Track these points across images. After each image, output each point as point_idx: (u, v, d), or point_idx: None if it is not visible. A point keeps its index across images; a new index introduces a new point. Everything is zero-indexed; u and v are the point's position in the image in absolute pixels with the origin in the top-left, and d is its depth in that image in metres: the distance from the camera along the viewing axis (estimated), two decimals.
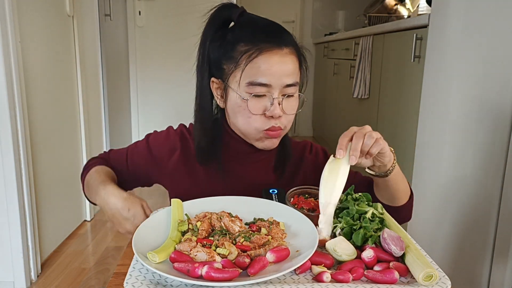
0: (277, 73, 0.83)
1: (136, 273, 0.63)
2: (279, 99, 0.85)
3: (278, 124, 0.87)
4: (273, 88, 0.84)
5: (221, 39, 0.88)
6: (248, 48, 0.84)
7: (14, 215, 1.80)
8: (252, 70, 0.83)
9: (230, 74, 0.86)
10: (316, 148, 1.03)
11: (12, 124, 1.74)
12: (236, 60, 0.85)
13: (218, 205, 0.82)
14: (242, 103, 0.85)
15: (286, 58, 0.85)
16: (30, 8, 1.92)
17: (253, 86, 0.84)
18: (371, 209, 0.73)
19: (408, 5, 3.20)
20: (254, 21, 0.89)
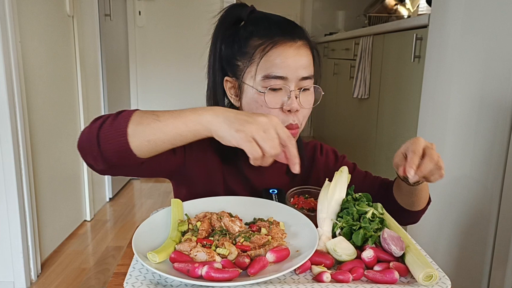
0: (293, 66, 0.83)
1: (136, 273, 0.63)
2: (296, 92, 0.84)
3: (296, 121, 0.85)
4: (289, 81, 0.83)
5: (234, 36, 0.88)
6: (262, 42, 0.84)
7: (14, 215, 1.80)
8: (267, 64, 0.83)
9: (245, 70, 0.86)
10: (327, 149, 1.02)
11: (12, 124, 1.74)
12: (250, 55, 0.84)
13: (218, 205, 0.82)
14: (258, 97, 0.84)
15: (300, 51, 0.84)
16: (30, 8, 1.92)
17: (269, 80, 0.83)
18: (371, 209, 0.73)
19: (408, 5, 3.20)
20: (266, 16, 0.89)
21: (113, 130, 0.69)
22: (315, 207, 0.77)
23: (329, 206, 0.74)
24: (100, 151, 0.70)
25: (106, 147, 0.69)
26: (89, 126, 0.73)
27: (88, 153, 0.72)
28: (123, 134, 0.68)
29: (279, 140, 0.66)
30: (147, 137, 0.69)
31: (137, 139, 0.69)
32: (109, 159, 0.71)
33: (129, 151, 0.69)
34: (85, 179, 2.52)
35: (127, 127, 0.68)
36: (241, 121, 0.65)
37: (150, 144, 0.69)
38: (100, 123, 0.71)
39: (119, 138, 0.69)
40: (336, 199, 0.75)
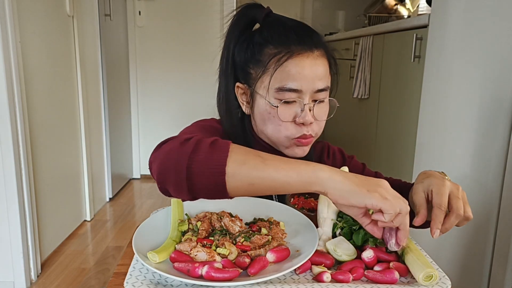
0: (309, 78, 0.79)
1: (136, 273, 0.63)
2: (310, 105, 0.80)
3: (310, 132, 0.82)
4: (303, 94, 0.79)
5: (247, 41, 0.84)
6: (278, 51, 0.80)
7: (14, 215, 1.80)
8: (282, 75, 0.79)
9: (258, 79, 0.82)
10: (334, 151, 1.00)
11: (12, 124, 1.74)
12: (265, 64, 0.80)
13: (218, 205, 0.82)
14: (271, 110, 0.81)
15: (317, 61, 0.80)
16: (30, 8, 1.92)
17: (283, 92, 0.79)
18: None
19: (408, 5, 3.20)
20: (283, 22, 0.84)
21: (209, 164, 0.61)
22: (315, 207, 0.77)
23: (330, 206, 0.74)
24: (188, 185, 0.62)
25: (197, 181, 0.61)
26: (175, 149, 0.63)
27: (171, 181, 0.63)
28: (221, 173, 0.61)
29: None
30: (251, 181, 0.62)
31: (237, 181, 0.61)
32: (196, 193, 0.64)
33: (224, 190, 0.62)
34: (85, 179, 2.52)
35: (226, 165, 0.61)
36: (367, 182, 0.62)
37: (251, 188, 0.62)
38: (191, 149, 0.62)
39: (216, 176, 0.61)
40: None
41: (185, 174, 0.61)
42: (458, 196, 0.68)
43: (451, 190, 0.68)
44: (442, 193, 0.68)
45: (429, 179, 0.72)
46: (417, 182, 0.74)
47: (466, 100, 1.57)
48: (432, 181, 0.71)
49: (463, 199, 0.69)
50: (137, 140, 3.45)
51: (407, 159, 1.77)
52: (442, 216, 0.67)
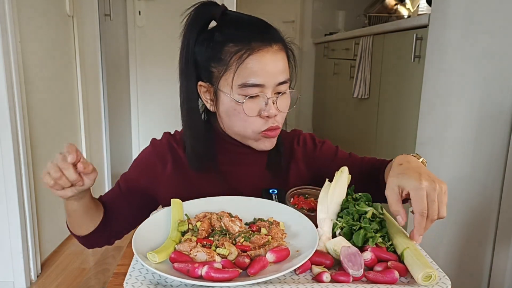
0: (270, 72, 0.82)
1: (136, 273, 0.63)
2: (273, 98, 0.83)
3: (275, 123, 0.86)
4: (266, 88, 0.82)
5: (207, 40, 0.85)
6: (239, 49, 0.81)
7: (14, 215, 1.80)
8: (244, 71, 0.81)
9: (221, 77, 0.83)
10: (304, 137, 1.00)
11: (12, 124, 1.74)
12: (226, 62, 0.82)
13: (218, 205, 0.82)
14: (237, 106, 0.83)
15: (277, 56, 0.83)
16: (30, 8, 1.92)
17: (246, 88, 0.81)
18: (371, 209, 0.73)
19: (408, 5, 3.20)
20: (240, 19, 0.86)
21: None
22: (315, 207, 0.77)
23: (329, 206, 0.74)
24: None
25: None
26: None
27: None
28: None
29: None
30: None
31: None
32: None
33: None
34: None
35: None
36: None
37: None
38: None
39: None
40: (336, 199, 0.75)
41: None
42: (434, 199, 0.67)
43: (428, 193, 0.67)
44: (420, 198, 0.67)
45: (405, 178, 0.69)
46: (392, 174, 0.72)
47: (466, 100, 1.57)
48: (408, 182, 0.68)
49: (439, 197, 0.68)
50: (137, 140, 3.45)
51: None
52: (424, 222, 0.67)
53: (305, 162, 0.98)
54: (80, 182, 0.77)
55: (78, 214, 0.90)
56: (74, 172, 0.74)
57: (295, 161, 0.98)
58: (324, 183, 0.78)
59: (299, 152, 0.98)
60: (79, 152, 0.76)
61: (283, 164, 0.96)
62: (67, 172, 0.74)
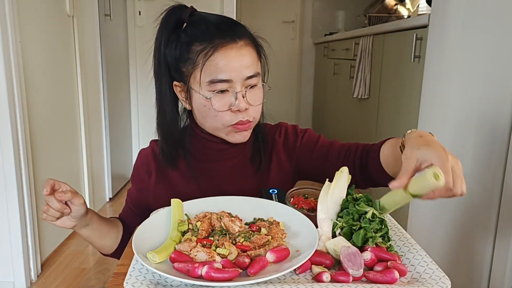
0: (236, 67, 0.84)
1: (136, 273, 0.63)
2: (242, 92, 0.85)
3: (246, 118, 0.87)
4: (234, 83, 0.84)
5: (176, 41, 0.88)
6: (204, 47, 0.84)
7: (14, 215, 1.80)
8: (211, 68, 0.83)
9: (190, 75, 0.86)
10: (286, 129, 1.01)
11: (12, 124, 1.74)
12: (193, 60, 0.85)
13: (218, 205, 0.82)
14: (206, 102, 0.86)
15: (242, 51, 0.85)
16: (30, 8, 1.92)
17: (214, 84, 0.84)
18: (371, 209, 0.73)
19: (408, 5, 3.20)
20: (205, 19, 0.88)
21: None
22: (315, 207, 0.77)
23: (329, 206, 0.74)
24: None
25: None
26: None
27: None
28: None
29: None
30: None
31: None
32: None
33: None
34: (85, 179, 2.52)
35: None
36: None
37: None
38: None
39: None
40: (336, 199, 0.75)
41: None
42: (459, 174, 0.64)
43: (453, 167, 0.63)
44: (448, 171, 0.62)
45: (428, 150, 0.65)
46: (412, 145, 0.69)
47: (466, 100, 1.57)
48: (434, 154, 0.64)
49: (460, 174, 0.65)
50: (137, 140, 3.45)
51: None
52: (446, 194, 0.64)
53: (286, 153, 0.99)
54: (67, 209, 0.85)
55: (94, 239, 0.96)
56: (57, 202, 0.83)
57: (276, 152, 0.99)
58: (325, 182, 0.78)
59: (279, 143, 0.99)
60: (58, 183, 0.85)
61: (265, 157, 0.98)
62: (51, 204, 0.82)
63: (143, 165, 1.00)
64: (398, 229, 0.79)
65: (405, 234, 0.77)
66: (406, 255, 0.70)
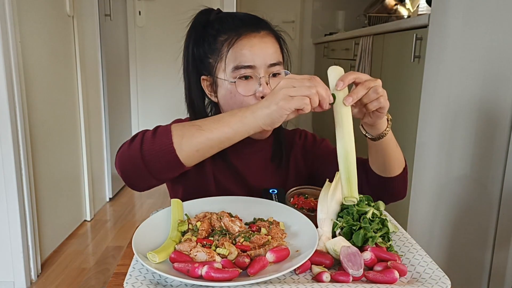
0: (259, 53, 0.87)
1: (136, 273, 0.63)
2: (266, 78, 0.87)
3: None
4: (258, 69, 0.87)
5: (203, 36, 0.93)
6: (228, 36, 0.89)
7: (14, 215, 1.80)
8: (235, 55, 0.87)
9: (216, 65, 0.90)
10: (306, 134, 1.06)
11: (12, 124, 1.74)
12: (219, 50, 0.89)
13: (218, 205, 0.82)
14: (232, 88, 0.88)
15: (265, 39, 0.89)
16: (30, 8, 1.91)
17: (239, 70, 0.87)
18: (371, 209, 0.73)
19: (408, 5, 3.20)
20: (231, 14, 0.95)
21: (158, 148, 0.74)
22: (315, 207, 0.77)
23: (329, 206, 0.74)
24: (149, 171, 0.75)
25: (155, 166, 0.74)
26: (126, 149, 0.77)
27: (134, 176, 0.78)
28: (171, 151, 0.73)
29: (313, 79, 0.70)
30: (196, 147, 0.74)
31: (185, 152, 0.73)
32: (159, 175, 0.77)
33: (180, 163, 0.74)
34: (85, 179, 2.52)
35: (172, 143, 0.73)
36: (271, 98, 0.70)
37: (199, 153, 0.75)
38: (139, 144, 0.75)
39: (168, 155, 0.73)
40: (336, 199, 0.75)
41: (143, 163, 0.74)
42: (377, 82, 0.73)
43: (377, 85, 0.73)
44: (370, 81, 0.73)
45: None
46: None
47: (466, 100, 1.57)
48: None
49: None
50: None
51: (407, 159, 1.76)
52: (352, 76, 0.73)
53: (304, 156, 1.02)
54: None
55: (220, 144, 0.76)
56: None
57: (294, 153, 1.02)
58: (325, 183, 0.78)
59: (299, 144, 1.04)
60: None
61: (285, 157, 1.01)
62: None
63: None
64: (398, 229, 0.79)
65: (405, 234, 0.78)
66: (406, 255, 0.70)
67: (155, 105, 3.49)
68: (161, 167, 0.75)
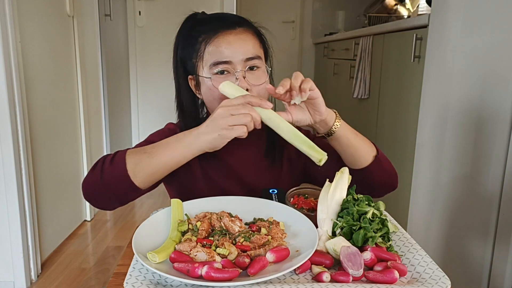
0: (235, 49, 0.89)
1: (136, 273, 0.63)
2: (242, 72, 0.89)
3: None
4: (235, 64, 0.89)
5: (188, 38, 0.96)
6: (206, 35, 0.92)
7: (14, 215, 1.80)
8: (212, 52, 0.90)
9: (197, 64, 0.93)
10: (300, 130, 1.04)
11: (12, 124, 1.74)
12: (199, 49, 0.92)
13: (218, 205, 0.82)
14: (210, 84, 0.90)
15: (242, 35, 0.91)
16: (30, 8, 1.92)
17: (216, 66, 0.89)
18: (371, 209, 0.73)
19: (408, 5, 3.20)
20: (212, 15, 0.99)
21: (116, 176, 0.80)
22: (315, 207, 0.77)
23: (329, 207, 0.74)
24: (110, 196, 0.82)
25: (116, 192, 0.81)
26: (89, 177, 0.83)
27: (100, 200, 0.84)
28: (126, 178, 0.79)
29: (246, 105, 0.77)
30: (148, 173, 0.80)
31: (140, 178, 0.80)
32: (121, 199, 0.83)
33: (136, 188, 0.81)
34: None
35: (127, 170, 0.79)
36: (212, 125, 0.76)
37: (153, 177, 0.82)
38: (99, 172, 0.81)
39: (124, 181, 0.79)
40: (336, 199, 0.75)
41: (104, 191, 0.81)
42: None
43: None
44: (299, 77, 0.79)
45: None
46: None
47: (466, 100, 1.57)
48: None
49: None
50: (137, 140, 3.45)
51: (407, 159, 1.76)
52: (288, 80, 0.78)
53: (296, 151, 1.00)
54: None
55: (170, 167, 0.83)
56: None
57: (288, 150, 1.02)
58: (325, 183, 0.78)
59: None
60: None
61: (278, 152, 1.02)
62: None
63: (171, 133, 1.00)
64: (398, 229, 0.79)
65: (405, 234, 0.78)
66: (406, 255, 0.70)
67: (155, 105, 3.49)
68: (121, 193, 0.81)
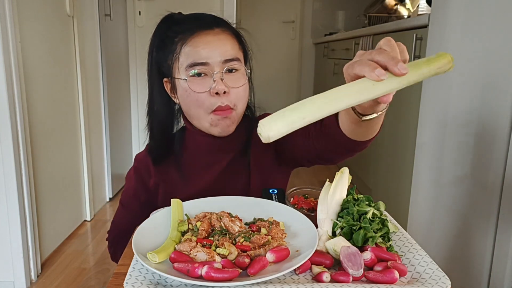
0: (212, 50, 0.86)
1: (136, 273, 0.63)
2: (220, 75, 0.86)
3: (226, 103, 0.87)
4: (212, 66, 0.86)
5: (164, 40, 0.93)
6: (183, 36, 0.88)
7: (14, 215, 1.80)
8: (189, 53, 0.87)
9: (173, 65, 0.90)
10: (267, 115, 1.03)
11: (12, 124, 1.74)
12: (175, 50, 0.89)
13: (218, 205, 0.82)
14: (186, 86, 0.87)
15: (219, 36, 0.88)
16: (30, 8, 1.92)
17: (193, 67, 0.86)
18: (371, 209, 0.73)
19: (408, 5, 3.20)
20: (189, 15, 0.96)
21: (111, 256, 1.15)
22: (315, 207, 0.77)
23: (329, 207, 0.74)
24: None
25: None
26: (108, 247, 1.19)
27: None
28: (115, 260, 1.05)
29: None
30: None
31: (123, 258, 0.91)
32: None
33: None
34: (85, 179, 2.52)
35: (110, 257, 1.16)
36: None
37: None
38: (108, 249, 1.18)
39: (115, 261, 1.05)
40: (336, 199, 0.75)
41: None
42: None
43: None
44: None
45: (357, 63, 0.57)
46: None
47: (466, 100, 1.57)
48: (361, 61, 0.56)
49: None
50: (137, 140, 3.45)
51: (407, 159, 1.76)
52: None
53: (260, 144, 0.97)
54: None
55: None
56: None
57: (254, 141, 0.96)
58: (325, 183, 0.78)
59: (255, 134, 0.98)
60: None
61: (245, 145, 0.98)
62: None
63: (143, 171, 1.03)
64: (398, 229, 0.79)
65: (405, 234, 0.77)
66: (406, 255, 0.70)
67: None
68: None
